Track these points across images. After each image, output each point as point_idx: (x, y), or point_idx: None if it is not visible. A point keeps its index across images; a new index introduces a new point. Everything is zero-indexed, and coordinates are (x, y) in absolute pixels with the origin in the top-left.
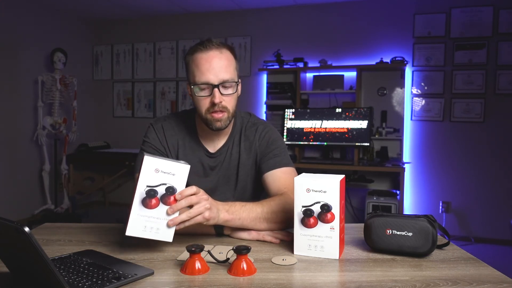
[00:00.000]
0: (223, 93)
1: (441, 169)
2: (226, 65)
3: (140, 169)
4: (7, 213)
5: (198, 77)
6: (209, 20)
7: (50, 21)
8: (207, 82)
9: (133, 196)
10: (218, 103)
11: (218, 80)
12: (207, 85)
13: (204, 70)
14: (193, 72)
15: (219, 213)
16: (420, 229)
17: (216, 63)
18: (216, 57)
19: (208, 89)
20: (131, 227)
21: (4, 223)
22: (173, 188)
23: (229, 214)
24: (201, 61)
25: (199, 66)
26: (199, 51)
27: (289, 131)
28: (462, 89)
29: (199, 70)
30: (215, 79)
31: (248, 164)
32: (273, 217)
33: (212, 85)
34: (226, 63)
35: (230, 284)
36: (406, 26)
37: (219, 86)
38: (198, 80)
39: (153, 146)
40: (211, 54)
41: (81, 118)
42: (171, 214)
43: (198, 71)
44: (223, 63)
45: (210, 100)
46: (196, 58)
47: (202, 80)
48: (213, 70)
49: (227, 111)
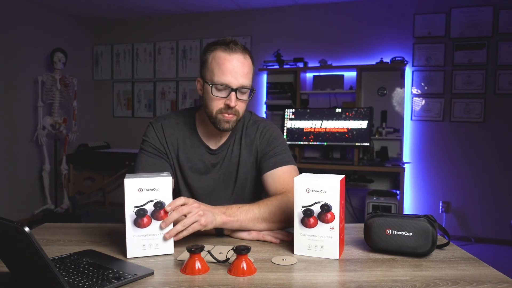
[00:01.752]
0: (239, 98)
1: (441, 169)
2: (247, 71)
3: (124, 193)
4: (7, 213)
5: (218, 77)
6: (209, 20)
7: (50, 21)
8: (227, 84)
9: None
10: (233, 107)
11: (238, 84)
12: (226, 86)
13: (225, 71)
14: (212, 70)
15: (216, 216)
16: (420, 229)
17: (239, 68)
18: (240, 61)
19: (225, 90)
20: (130, 250)
21: (4, 223)
22: (161, 202)
23: (227, 216)
24: (224, 61)
25: (221, 66)
26: (223, 50)
27: (289, 131)
28: (462, 89)
29: (220, 70)
30: (235, 83)
31: (249, 162)
32: (271, 217)
33: (231, 88)
34: (248, 69)
35: (230, 284)
36: (406, 26)
37: (237, 90)
38: (218, 80)
39: (152, 145)
40: (235, 57)
41: (81, 118)
42: (165, 228)
43: (219, 71)
44: (246, 69)
45: (225, 102)
46: (220, 57)
47: (222, 81)
48: (235, 73)
49: (237, 115)
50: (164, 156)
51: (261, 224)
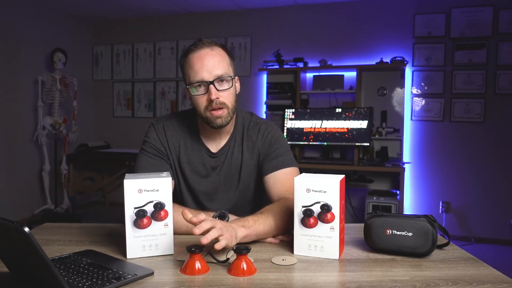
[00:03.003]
0: (219, 89)
1: (441, 169)
2: (218, 60)
3: (124, 193)
4: (7, 213)
5: (193, 77)
6: (209, 20)
7: (50, 21)
8: (202, 80)
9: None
10: (215, 99)
11: (212, 76)
12: (202, 83)
13: (197, 69)
14: (188, 73)
15: (236, 231)
16: (420, 229)
17: (208, 60)
18: (208, 54)
19: (203, 86)
20: (130, 251)
21: (4, 223)
22: (161, 203)
23: (246, 229)
24: (193, 60)
25: (192, 66)
26: (191, 52)
27: (289, 131)
28: (462, 89)
29: (192, 69)
30: (209, 76)
31: (251, 164)
32: (284, 225)
33: (207, 82)
34: (219, 58)
35: (230, 284)
36: (406, 26)
37: (214, 82)
38: (193, 79)
39: (153, 146)
40: (202, 53)
41: (81, 118)
42: (200, 233)
43: (192, 71)
44: (216, 59)
45: (207, 97)
46: (189, 58)
47: (197, 79)
48: (205, 67)
49: (226, 107)
50: (165, 157)
51: (273, 234)
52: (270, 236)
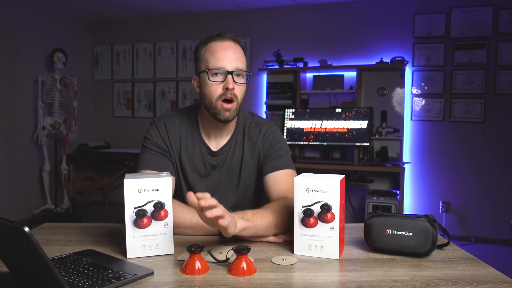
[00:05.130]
0: (236, 81)
1: (441, 169)
2: (240, 56)
3: (124, 193)
4: (7, 213)
5: (213, 63)
6: (209, 20)
7: (50, 21)
8: (222, 67)
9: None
10: (231, 89)
11: (233, 67)
12: (221, 71)
13: (220, 57)
14: (207, 59)
15: (236, 221)
16: (420, 229)
17: (231, 52)
18: (232, 47)
19: (221, 75)
20: (130, 250)
21: (4, 223)
22: (161, 202)
23: (245, 221)
24: (217, 48)
25: (214, 53)
26: (214, 40)
27: (289, 131)
28: (462, 89)
29: (214, 56)
30: (230, 66)
31: (251, 165)
32: (283, 223)
33: (227, 71)
34: (240, 54)
35: (230, 284)
36: (406, 26)
37: (233, 73)
38: (213, 65)
39: (155, 143)
40: (226, 44)
41: (81, 118)
42: (205, 206)
43: (213, 58)
44: (238, 53)
45: (223, 86)
46: (211, 46)
47: (217, 66)
48: (228, 57)
49: (236, 101)
50: (167, 155)
51: (272, 231)
52: (269, 233)
